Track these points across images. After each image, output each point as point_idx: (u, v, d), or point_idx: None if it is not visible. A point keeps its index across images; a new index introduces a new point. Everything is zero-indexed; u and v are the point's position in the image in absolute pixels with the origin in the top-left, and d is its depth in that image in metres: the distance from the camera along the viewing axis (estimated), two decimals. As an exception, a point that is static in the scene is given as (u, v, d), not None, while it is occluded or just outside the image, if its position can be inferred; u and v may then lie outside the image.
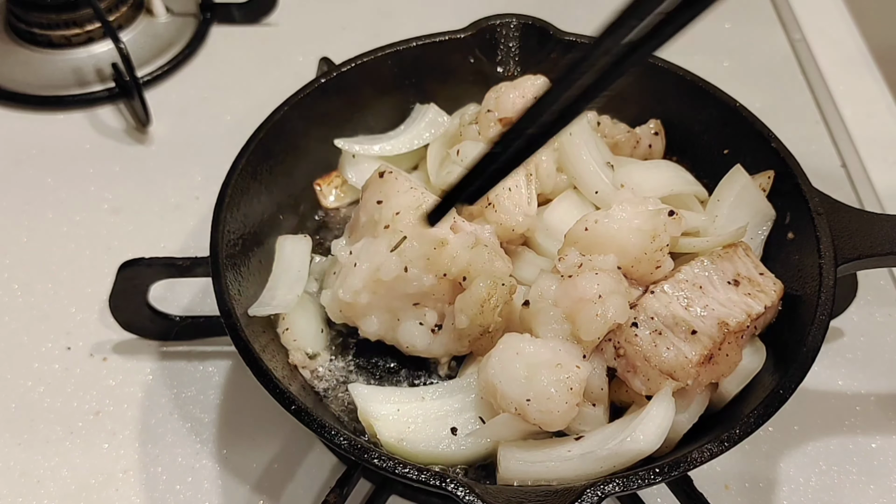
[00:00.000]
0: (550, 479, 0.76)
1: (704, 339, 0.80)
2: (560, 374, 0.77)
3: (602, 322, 0.79)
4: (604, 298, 0.79)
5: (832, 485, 0.94)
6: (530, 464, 0.78)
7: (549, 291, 0.82)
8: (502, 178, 0.67)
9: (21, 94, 1.33)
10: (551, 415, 0.77)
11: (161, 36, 1.42)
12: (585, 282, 0.81)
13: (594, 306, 0.79)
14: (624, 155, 1.03)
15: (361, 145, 1.06)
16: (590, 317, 0.79)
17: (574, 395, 0.77)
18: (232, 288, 0.84)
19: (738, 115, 0.99)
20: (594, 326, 0.79)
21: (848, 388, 1.02)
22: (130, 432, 0.96)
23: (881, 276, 1.14)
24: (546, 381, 0.76)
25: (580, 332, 0.79)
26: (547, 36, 1.08)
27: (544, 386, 0.76)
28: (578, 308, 0.80)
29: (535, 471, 0.77)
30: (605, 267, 0.82)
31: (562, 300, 0.81)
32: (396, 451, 0.80)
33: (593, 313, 0.79)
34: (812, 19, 1.55)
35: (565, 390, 0.76)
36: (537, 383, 0.76)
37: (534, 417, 0.77)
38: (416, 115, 1.09)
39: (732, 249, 0.88)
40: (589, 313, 0.79)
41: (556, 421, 0.77)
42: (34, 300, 1.08)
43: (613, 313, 0.79)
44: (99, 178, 1.24)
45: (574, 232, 0.85)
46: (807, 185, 0.91)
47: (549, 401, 0.76)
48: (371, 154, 1.05)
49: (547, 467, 0.77)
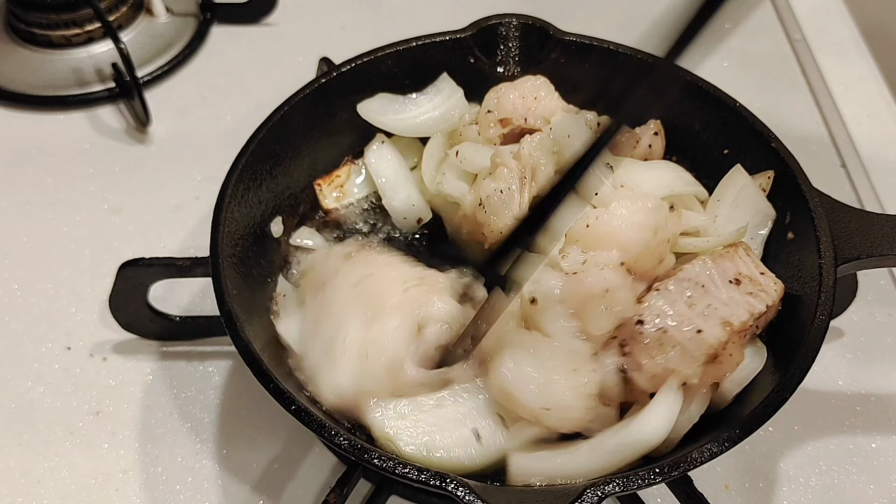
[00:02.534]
0: (559, 477, 0.76)
1: (710, 338, 0.80)
2: (577, 379, 0.77)
3: (611, 315, 0.79)
4: (611, 292, 0.79)
5: (832, 485, 0.94)
6: (538, 461, 0.77)
7: (555, 289, 0.82)
8: None
9: (21, 94, 1.33)
10: (570, 421, 0.77)
11: (161, 36, 1.42)
12: (592, 277, 0.81)
13: (602, 300, 0.79)
14: (623, 155, 1.02)
15: (386, 116, 1.05)
16: (598, 311, 0.79)
17: (592, 399, 0.77)
18: (232, 288, 0.84)
19: (738, 115, 0.99)
20: (603, 320, 0.79)
21: (848, 388, 1.02)
22: (130, 432, 0.96)
23: (881, 276, 1.14)
24: (565, 389, 0.76)
25: (589, 327, 0.79)
26: (547, 36, 1.08)
27: (563, 393, 0.76)
28: (586, 304, 0.80)
29: (544, 467, 0.77)
30: (609, 262, 0.82)
31: (568, 297, 0.81)
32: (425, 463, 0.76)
33: (601, 307, 0.79)
34: (812, 19, 1.55)
35: (584, 396, 0.77)
36: (555, 391, 0.76)
37: (552, 424, 0.77)
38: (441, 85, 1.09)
39: (733, 249, 0.88)
40: (597, 308, 0.79)
41: (573, 426, 0.78)
42: (34, 300, 1.08)
43: (622, 307, 0.79)
44: (99, 178, 1.24)
45: (575, 229, 0.84)
46: (807, 185, 0.91)
47: (569, 409, 0.76)
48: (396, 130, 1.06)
49: (555, 464, 0.76)
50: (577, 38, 1.07)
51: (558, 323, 0.80)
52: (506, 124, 1.01)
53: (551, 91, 1.03)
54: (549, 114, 1.01)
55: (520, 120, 1.01)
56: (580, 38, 1.07)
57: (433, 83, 1.08)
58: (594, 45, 1.07)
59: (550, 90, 1.03)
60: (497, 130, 1.02)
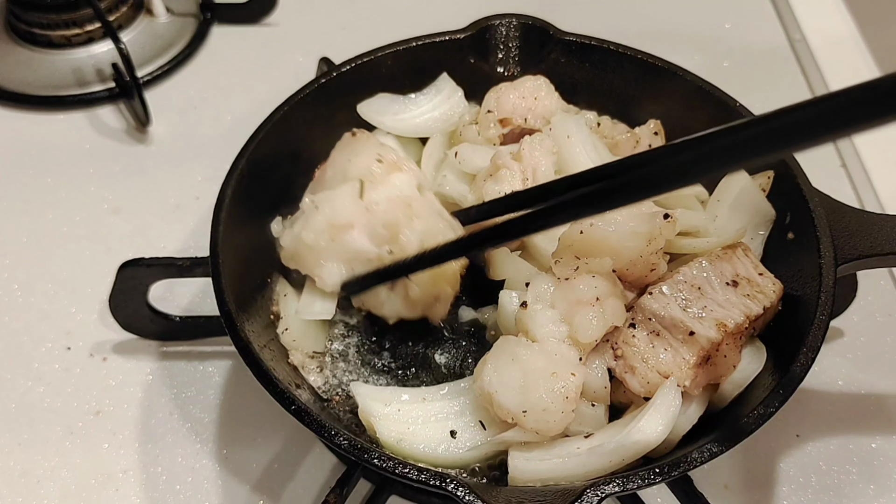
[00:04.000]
0: (560, 478, 0.76)
1: (702, 340, 0.80)
2: (555, 383, 0.77)
3: (600, 324, 0.79)
4: (601, 301, 0.80)
5: (832, 485, 0.94)
6: (539, 461, 0.78)
7: (546, 293, 0.82)
8: None
9: (21, 94, 1.33)
10: (547, 423, 0.77)
11: (161, 36, 1.42)
12: (583, 284, 0.81)
13: (592, 308, 0.79)
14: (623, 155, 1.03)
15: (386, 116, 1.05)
16: (587, 319, 0.79)
17: (570, 402, 0.77)
18: (232, 288, 0.84)
19: (738, 115, 0.99)
20: (591, 329, 0.79)
21: (848, 388, 1.02)
22: (130, 432, 0.96)
23: (881, 276, 1.14)
24: (541, 392, 0.76)
25: (577, 335, 0.79)
26: (547, 36, 1.08)
27: (540, 396, 0.76)
28: (576, 310, 0.80)
29: (545, 468, 0.77)
30: (602, 270, 0.82)
31: (559, 302, 0.81)
32: (396, 451, 0.80)
33: (591, 316, 0.79)
34: (812, 19, 1.55)
35: (561, 399, 0.76)
36: (533, 394, 0.76)
37: (530, 426, 0.77)
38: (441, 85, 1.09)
39: (731, 250, 0.88)
40: (586, 316, 0.79)
41: (553, 428, 0.78)
42: (34, 300, 1.08)
43: (611, 316, 0.80)
44: (99, 178, 1.24)
45: (569, 235, 0.84)
46: (807, 185, 0.91)
47: (545, 412, 0.76)
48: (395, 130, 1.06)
49: (555, 464, 0.77)
50: (577, 38, 1.07)
51: (547, 327, 0.80)
52: (506, 124, 1.02)
53: (551, 91, 1.03)
54: (549, 114, 1.01)
55: (520, 120, 1.01)
56: (580, 38, 1.07)
57: (433, 83, 1.08)
58: (594, 45, 1.07)
59: (550, 90, 1.03)
60: (497, 130, 1.02)
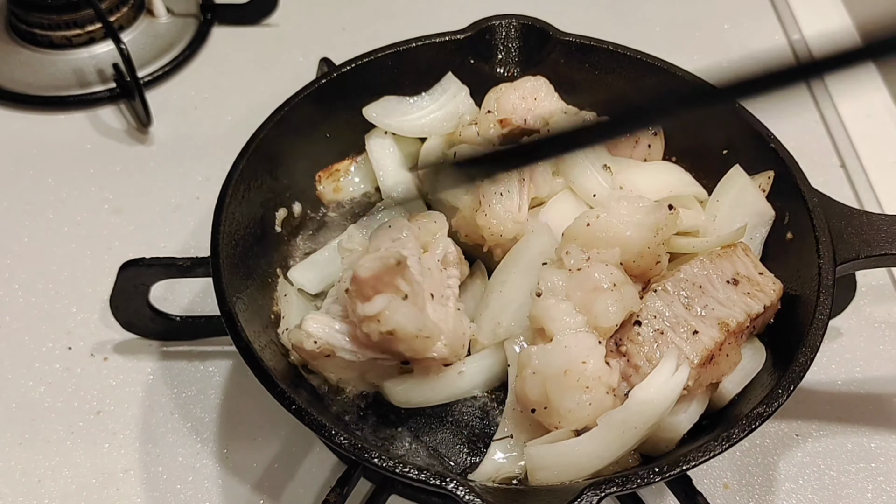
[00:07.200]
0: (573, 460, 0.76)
1: (706, 339, 0.80)
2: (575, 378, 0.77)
3: (620, 308, 0.79)
4: (619, 286, 0.80)
5: (832, 485, 0.94)
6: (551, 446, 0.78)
7: (559, 285, 0.82)
8: None
9: (22, 94, 1.33)
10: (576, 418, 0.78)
11: (162, 36, 1.43)
12: (598, 272, 0.81)
13: (610, 294, 0.80)
14: (623, 156, 1.03)
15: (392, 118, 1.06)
16: (605, 305, 0.79)
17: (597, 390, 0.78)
18: (232, 288, 0.84)
19: (738, 115, 0.99)
20: (611, 314, 0.79)
21: (847, 387, 1.02)
22: (131, 432, 0.96)
23: (881, 276, 1.14)
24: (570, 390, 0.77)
25: (598, 321, 0.79)
26: (547, 36, 1.08)
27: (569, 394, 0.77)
28: (593, 298, 0.80)
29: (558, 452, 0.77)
30: (612, 260, 0.83)
31: (573, 293, 0.81)
32: None
33: (610, 301, 0.79)
34: (812, 19, 1.55)
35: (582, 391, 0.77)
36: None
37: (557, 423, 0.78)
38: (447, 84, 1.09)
39: (731, 249, 0.88)
40: (605, 302, 0.79)
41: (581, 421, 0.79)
42: (35, 300, 1.09)
43: (629, 301, 0.80)
44: (100, 178, 1.24)
45: (574, 228, 0.84)
46: (806, 185, 0.91)
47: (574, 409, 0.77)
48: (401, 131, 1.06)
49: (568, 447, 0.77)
50: (577, 38, 1.07)
51: (563, 319, 0.80)
52: (505, 125, 1.02)
53: (551, 92, 1.03)
54: (549, 114, 1.01)
55: (519, 120, 1.01)
56: (580, 38, 1.07)
57: (439, 83, 1.08)
58: (594, 45, 1.07)
59: (550, 91, 1.03)
60: (497, 131, 1.02)
